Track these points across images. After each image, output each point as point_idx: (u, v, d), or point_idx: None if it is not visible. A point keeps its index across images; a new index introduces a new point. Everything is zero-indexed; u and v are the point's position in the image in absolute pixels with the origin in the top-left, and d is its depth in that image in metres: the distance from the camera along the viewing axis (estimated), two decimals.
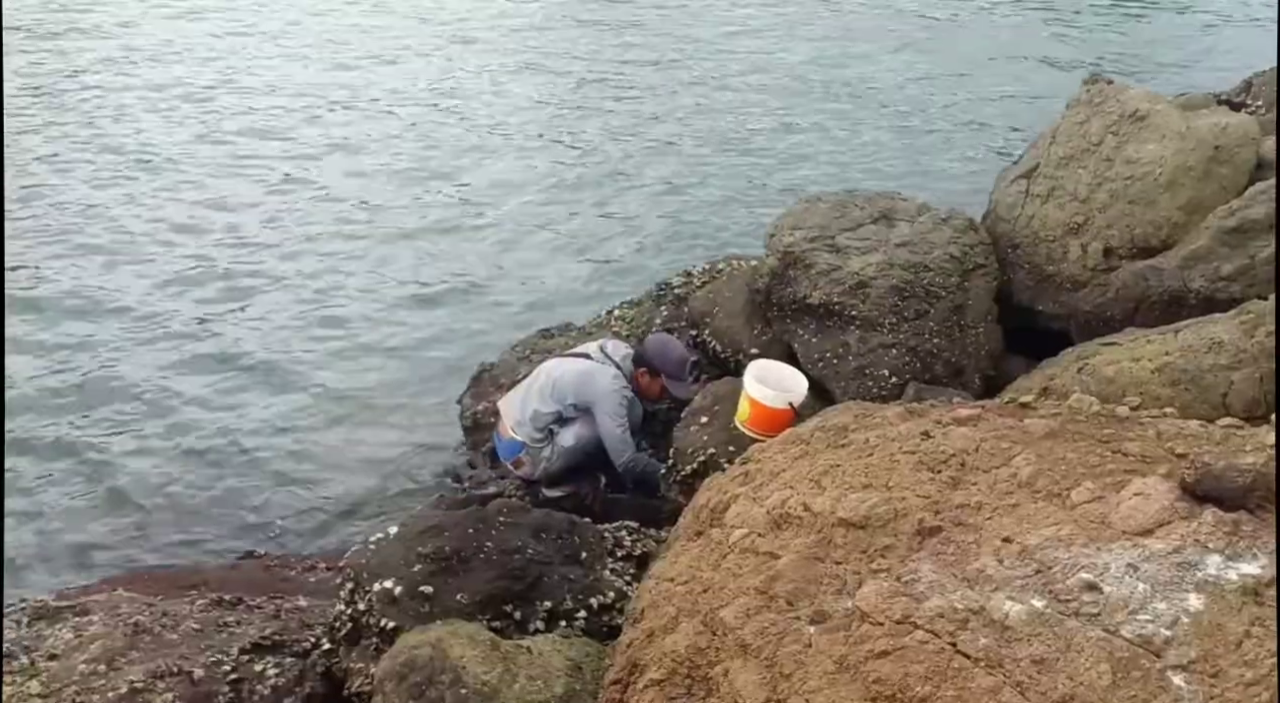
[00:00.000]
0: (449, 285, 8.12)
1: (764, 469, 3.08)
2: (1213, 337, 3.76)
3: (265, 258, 8.32)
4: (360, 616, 3.64)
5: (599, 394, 5.32)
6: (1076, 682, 1.98)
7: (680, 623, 2.67)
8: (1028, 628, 2.10)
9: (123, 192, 9.17)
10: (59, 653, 3.70)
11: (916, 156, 10.99)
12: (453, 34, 14.32)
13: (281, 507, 5.78)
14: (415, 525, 3.79)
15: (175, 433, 6.25)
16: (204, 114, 11.04)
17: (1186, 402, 3.57)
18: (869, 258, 5.28)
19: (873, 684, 2.16)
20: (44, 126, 10.37)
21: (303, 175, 9.85)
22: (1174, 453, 2.62)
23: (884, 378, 5.09)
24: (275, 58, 13.01)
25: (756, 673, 2.36)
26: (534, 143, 10.93)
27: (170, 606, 4.18)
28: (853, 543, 2.54)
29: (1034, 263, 5.40)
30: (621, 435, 5.30)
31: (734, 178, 10.26)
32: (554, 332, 6.59)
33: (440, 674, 3.04)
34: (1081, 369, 3.99)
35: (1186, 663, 1.96)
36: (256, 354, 7.09)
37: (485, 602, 3.54)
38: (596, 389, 5.33)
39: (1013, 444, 2.75)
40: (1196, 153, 4.95)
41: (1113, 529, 2.30)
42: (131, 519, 5.60)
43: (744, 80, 12.98)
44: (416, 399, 6.73)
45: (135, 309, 7.48)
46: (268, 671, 3.76)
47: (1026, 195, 5.53)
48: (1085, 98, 5.52)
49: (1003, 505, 2.51)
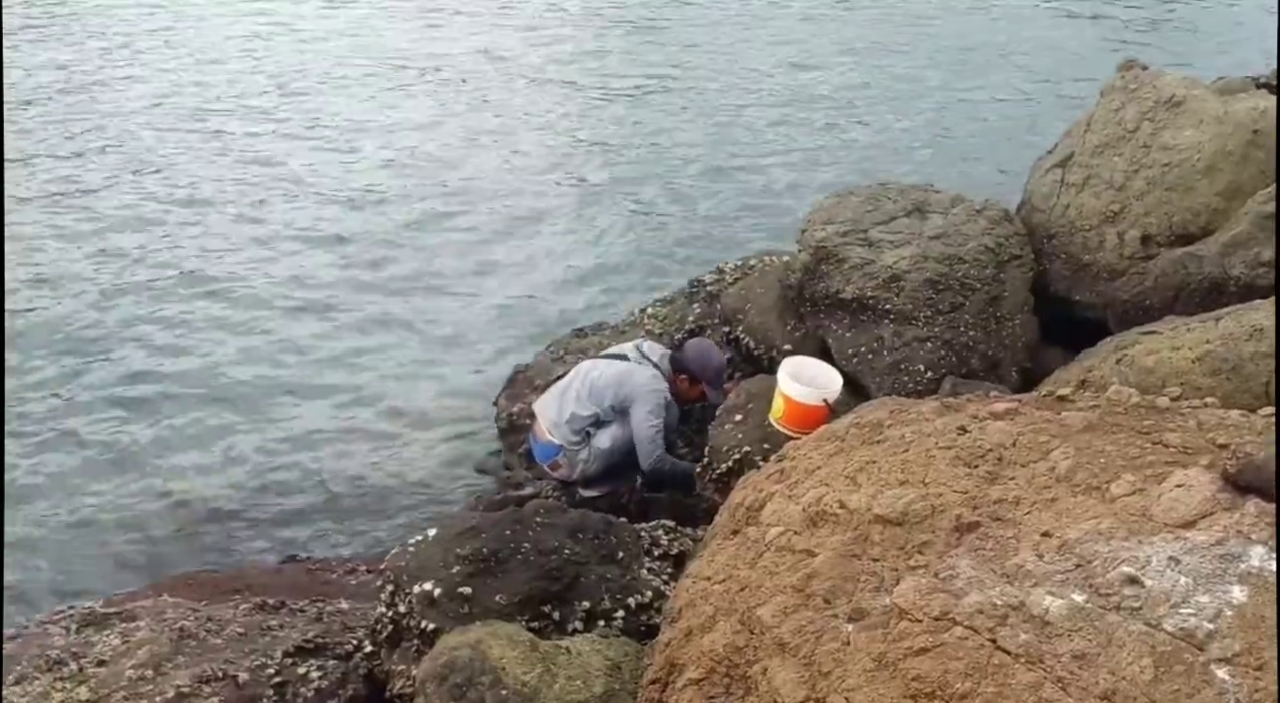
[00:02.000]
0: (481, 287, 8.16)
1: (799, 466, 3.06)
2: (1254, 324, 3.70)
3: (296, 263, 8.39)
4: (401, 618, 3.67)
5: (638, 392, 5.33)
6: (1118, 677, 1.96)
7: (718, 622, 2.67)
8: (1068, 623, 2.08)
9: (132, 198, 9.26)
10: (107, 659, 3.76)
11: (949, 147, 10.91)
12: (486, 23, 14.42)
13: (322, 511, 5.84)
14: (453, 527, 3.81)
15: (217, 439, 6.33)
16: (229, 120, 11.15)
17: (1228, 391, 3.52)
18: (902, 251, 5.25)
19: (912, 682, 2.15)
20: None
21: (327, 175, 9.91)
22: (1215, 443, 2.58)
23: (919, 372, 5.05)
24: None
25: (795, 672, 2.36)
26: (564, 141, 10.95)
27: (215, 610, 4.24)
28: (890, 540, 2.53)
29: (1070, 253, 5.35)
30: (653, 435, 5.31)
31: (764, 176, 10.23)
32: (587, 331, 6.61)
33: (480, 676, 3.06)
34: (1120, 360, 3.94)
35: (1230, 656, 1.93)
36: (293, 360, 7.16)
37: (524, 602, 3.56)
38: (635, 387, 5.35)
39: (1051, 437, 2.72)
40: (1234, 137, 4.88)
41: (1154, 522, 2.27)
42: (175, 525, 5.68)
43: (770, 77, 12.93)
44: (452, 401, 6.77)
45: (169, 317, 7.58)
46: (311, 673, 3.81)
47: (1062, 185, 5.47)
48: (1120, 84, 5.45)
49: (1041, 499, 2.48)
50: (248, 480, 6.01)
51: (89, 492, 5.87)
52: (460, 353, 7.32)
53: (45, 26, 13.41)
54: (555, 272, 8.44)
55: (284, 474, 6.09)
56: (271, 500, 5.89)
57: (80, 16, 13.92)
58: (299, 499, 5.92)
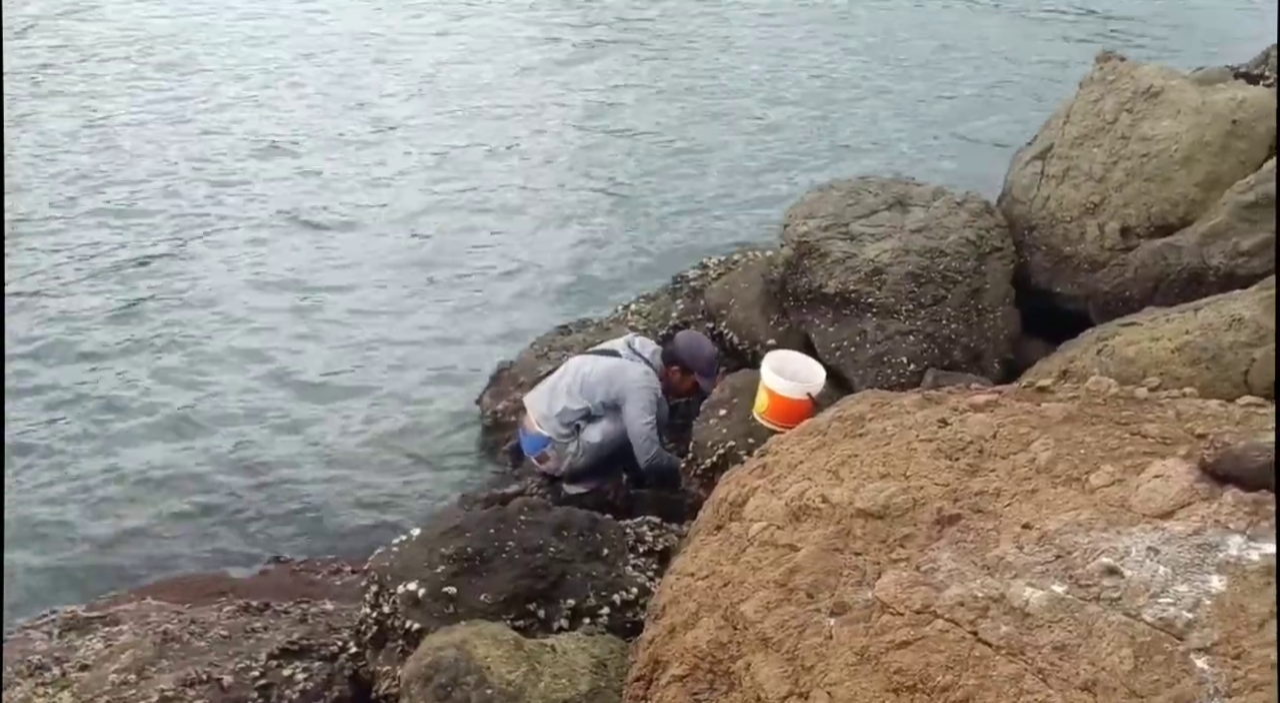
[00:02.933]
0: (464, 284, 8.12)
1: (782, 461, 3.07)
2: (1233, 314, 3.72)
3: (276, 260, 8.34)
4: (385, 618, 3.66)
5: (629, 389, 5.33)
6: (1098, 667, 1.97)
7: (701, 618, 2.67)
8: (1048, 614, 2.09)
9: (163, 185, 9.22)
10: (90, 664, 3.74)
11: (928, 141, 10.93)
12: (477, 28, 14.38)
13: (305, 511, 5.80)
14: (437, 526, 3.81)
15: (197, 441, 6.29)
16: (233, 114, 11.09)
17: (1207, 381, 3.54)
18: (884, 244, 5.26)
19: (894, 675, 2.15)
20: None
21: (312, 172, 9.87)
22: (1194, 434, 2.59)
23: (902, 365, 5.07)
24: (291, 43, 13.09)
25: (778, 666, 2.36)
26: (548, 138, 10.92)
27: (198, 613, 4.22)
28: (871, 533, 2.53)
29: (1051, 244, 5.37)
30: (648, 432, 5.31)
31: (746, 171, 10.23)
32: (571, 328, 6.60)
33: (465, 675, 3.06)
34: (1101, 350, 3.96)
35: (1209, 645, 1.94)
36: (273, 359, 7.10)
37: (508, 601, 3.56)
38: (627, 384, 5.35)
39: (1031, 429, 2.73)
40: (1213, 128, 4.90)
41: (1133, 512, 2.28)
42: (157, 528, 5.63)
43: (751, 71, 12.94)
44: (436, 399, 6.74)
45: (148, 318, 7.54)
46: (296, 675, 3.80)
47: (1042, 176, 5.49)
48: (1098, 76, 5.47)
49: (1021, 491, 2.49)
50: (230, 482, 5.97)
51: (67, 496, 5.82)
52: (443, 351, 7.28)
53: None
54: (538, 267, 8.40)
55: (267, 475, 6.04)
56: (254, 502, 5.85)
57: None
58: (282, 500, 5.87)
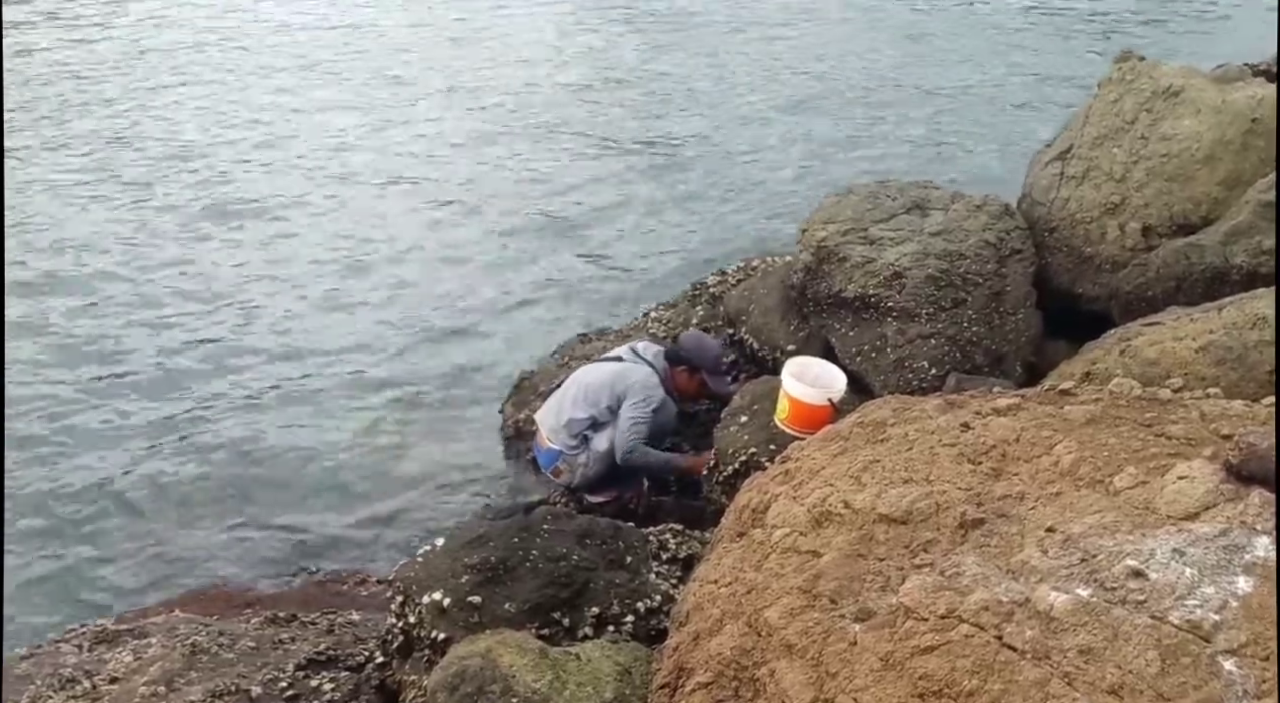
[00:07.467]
0: (485, 295, 8.16)
1: (803, 467, 3.06)
2: (1257, 313, 3.70)
3: (303, 276, 8.41)
4: (411, 628, 3.68)
5: (631, 389, 5.38)
6: (1125, 670, 1.96)
7: (725, 625, 2.67)
8: (1074, 618, 2.08)
9: (160, 206, 9.31)
10: (120, 676, 3.77)
11: (947, 144, 10.90)
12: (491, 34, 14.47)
13: (331, 522, 5.84)
14: (461, 536, 3.82)
15: (223, 453, 6.34)
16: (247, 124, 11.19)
17: (1232, 380, 3.52)
18: (903, 248, 5.25)
19: (919, 680, 2.15)
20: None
21: (337, 189, 9.94)
22: (1219, 434, 2.58)
23: (923, 369, 5.05)
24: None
25: (803, 673, 2.36)
26: (564, 147, 10.96)
27: (226, 625, 4.26)
28: (895, 538, 2.53)
29: (1072, 246, 5.34)
30: (632, 427, 5.33)
31: (764, 177, 10.23)
32: (591, 336, 6.63)
33: (491, 684, 3.07)
34: (1124, 351, 3.94)
35: (1236, 647, 1.93)
36: (297, 374, 7.15)
37: (533, 610, 3.57)
38: (629, 385, 5.39)
39: (1054, 432, 2.72)
40: (1233, 126, 4.87)
41: (1157, 514, 2.27)
42: (185, 541, 5.68)
43: (770, 78, 12.95)
44: (458, 410, 6.77)
45: (172, 326, 7.61)
46: (324, 686, 3.82)
47: (1061, 178, 5.46)
48: (1117, 76, 5.45)
49: (1045, 494, 2.48)
50: (254, 495, 6.01)
51: (95, 511, 5.87)
52: (466, 360, 7.31)
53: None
54: (557, 276, 8.44)
55: (290, 488, 6.08)
56: (279, 515, 5.89)
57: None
58: (307, 513, 5.92)
